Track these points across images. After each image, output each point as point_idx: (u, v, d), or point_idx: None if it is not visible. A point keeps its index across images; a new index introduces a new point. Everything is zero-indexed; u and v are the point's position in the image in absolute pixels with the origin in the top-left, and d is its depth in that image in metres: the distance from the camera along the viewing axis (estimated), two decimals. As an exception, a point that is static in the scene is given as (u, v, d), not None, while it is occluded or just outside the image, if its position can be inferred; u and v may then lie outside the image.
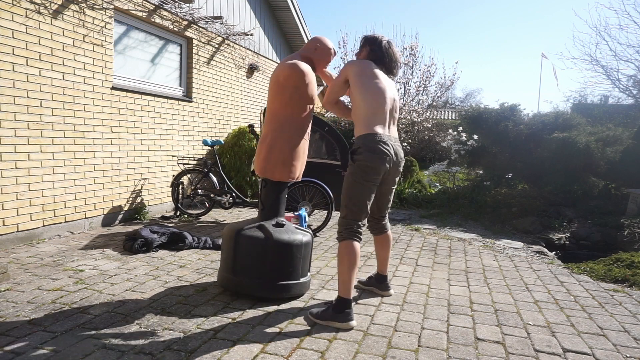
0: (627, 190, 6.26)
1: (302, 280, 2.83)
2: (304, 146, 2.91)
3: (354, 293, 2.95)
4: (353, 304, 2.56)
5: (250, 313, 2.56)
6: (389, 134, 2.57)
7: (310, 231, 2.97)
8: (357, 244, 2.49)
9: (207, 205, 5.62)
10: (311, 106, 2.89)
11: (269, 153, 2.81)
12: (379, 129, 2.52)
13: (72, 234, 4.37)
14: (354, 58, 2.90)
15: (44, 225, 4.11)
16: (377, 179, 2.52)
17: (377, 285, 3.00)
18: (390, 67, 2.76)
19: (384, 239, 2.94)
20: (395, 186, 2.81)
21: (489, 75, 74.73)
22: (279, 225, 2.80)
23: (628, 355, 2.23)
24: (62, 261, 3.46)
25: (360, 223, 2.53)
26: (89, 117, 4.49)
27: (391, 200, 2.86)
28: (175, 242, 3.99)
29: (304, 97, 2.81)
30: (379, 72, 2.66)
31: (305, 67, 2.80)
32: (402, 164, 2.70)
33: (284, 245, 2.69)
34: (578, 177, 6.75)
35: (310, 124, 2.94)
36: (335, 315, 2.40)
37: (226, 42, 6.79)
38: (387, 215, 2.91)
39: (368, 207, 2.55)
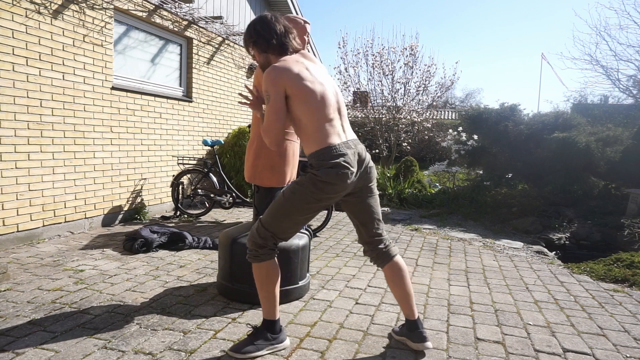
0: (627, 190, 6.26)
1: (300, 283, 2.82)
2: (293, 148, 2.77)
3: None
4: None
5: (250, 313, 2.56)
6: (347, 138, 2.06)
7: (307, 232, 2.96)
8: (275, 261, 2.12)
9: (207, 205, 5.62)
10: None
11: (256, 159, 2.71)
12: (334, 139, 2.00)
13: (72, 234, 4.37)
14: (255, 62, 2.21)
15: (44, 225, 4.11)
16: (330, 198, 2.01)
17: (409, 334, 2.17)
18: (293, 44, 2.15)
19: (393, 268, 2.14)
20: (376, 193, 2.20)
21: (489, 75, 74.57)
22: None
23: (628, 355, 2.23)
24: (62, 261, 3.46)
25: (281, 240, 2.13)
26: (89, 117, 4.49)
27: (379, 213, 2.18)
28: (175, 242, 3.99)
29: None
30: (303, 67, 2.05)
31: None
32: (371, 164, 2.14)
33: (280, 251, 2.66)
34: (578, 177, 6.75)
35: None
36: (270, 338, 2.09)
37: (226, 42, 6.79)
38: (384, 234, 2.18)
39: (299, 229, 2.15)
